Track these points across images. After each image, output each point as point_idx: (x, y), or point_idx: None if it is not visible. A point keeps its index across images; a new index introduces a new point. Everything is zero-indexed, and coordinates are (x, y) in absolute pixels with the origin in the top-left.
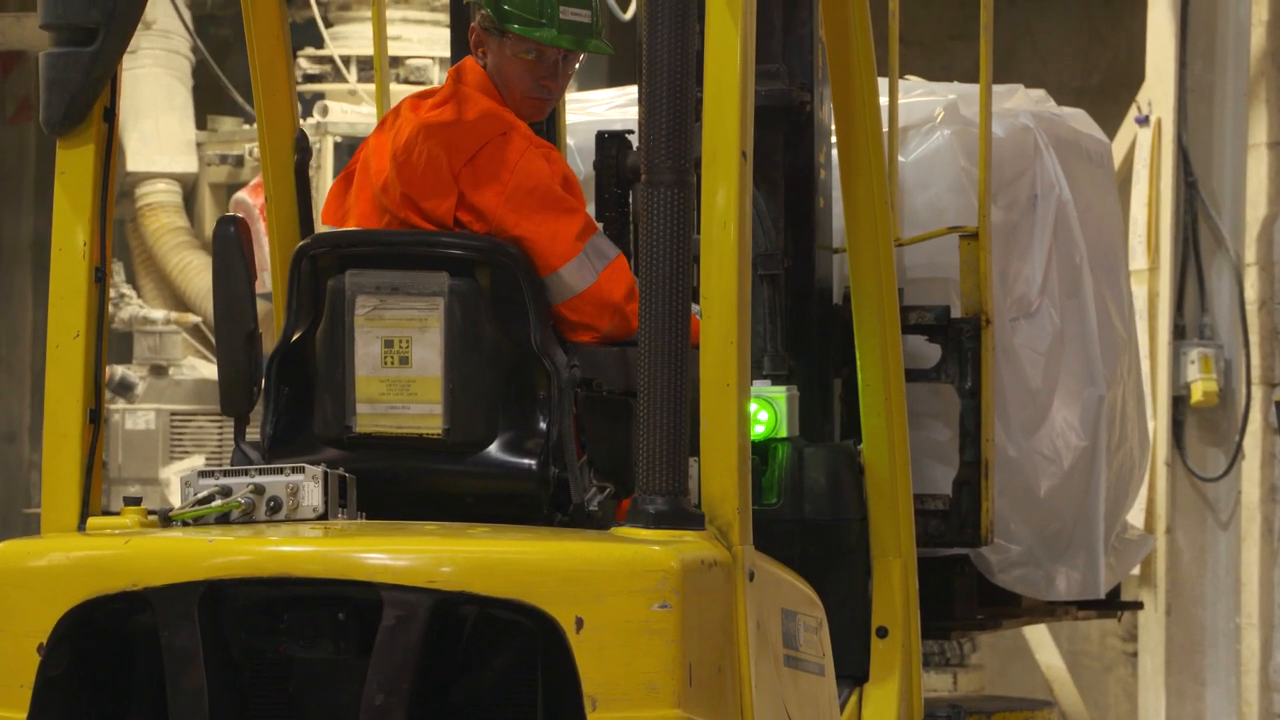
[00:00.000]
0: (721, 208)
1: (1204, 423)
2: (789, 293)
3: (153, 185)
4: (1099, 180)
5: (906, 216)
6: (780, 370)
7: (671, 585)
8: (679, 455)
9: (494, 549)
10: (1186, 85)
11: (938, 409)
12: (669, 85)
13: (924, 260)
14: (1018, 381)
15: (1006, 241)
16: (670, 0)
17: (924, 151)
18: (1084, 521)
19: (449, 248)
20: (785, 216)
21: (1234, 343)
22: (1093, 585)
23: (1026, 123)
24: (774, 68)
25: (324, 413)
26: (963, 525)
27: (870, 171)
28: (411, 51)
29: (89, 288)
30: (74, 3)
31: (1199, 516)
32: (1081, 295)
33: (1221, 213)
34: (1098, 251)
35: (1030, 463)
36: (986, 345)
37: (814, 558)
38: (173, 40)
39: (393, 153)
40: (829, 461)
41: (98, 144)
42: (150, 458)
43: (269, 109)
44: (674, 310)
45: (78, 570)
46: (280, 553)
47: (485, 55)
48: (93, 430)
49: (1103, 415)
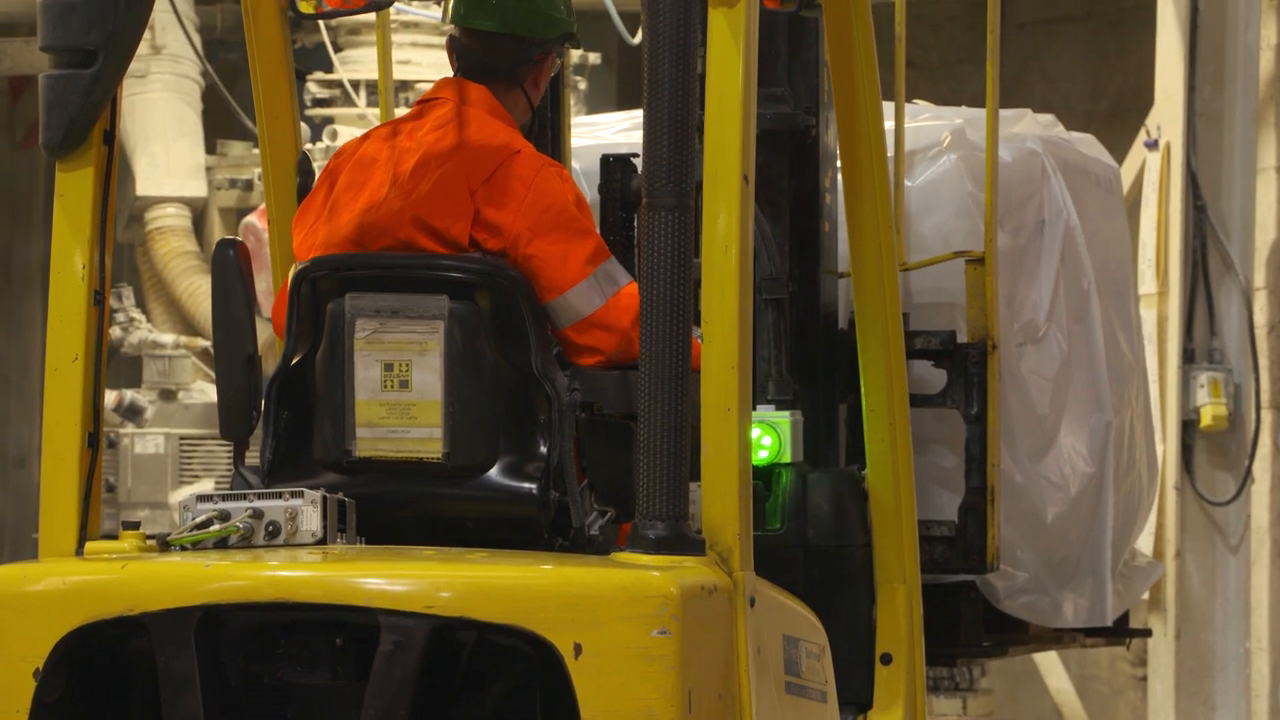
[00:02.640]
0: (723, 231)
1: (1213, 447)
2: (794, 317)
3: (162, 209)
4: (1107, 205)
5: (913, 241)
6: (785, 395)
7: (671, 611)
8: (679, 480)
9: (492, 574)
10: (1195, 109)
11: (944, 435)
12: (670, 109)
13: (930, 285)
14: (1025, 407)
15: (1014, 267)
16: (672, 25)
17: (930, 176)
18: (1091, 548)
19: (449, 270)
20: (790, 241)
21: (1243, 367)
22: (1100, 613)
23: (1034, 147)
24: (779, 91)
25: (324, 437)
26: (969, 551)
27: (875, 195)
28: (420, 76)
29: (88, 311)
30: (73, 25)
31: (1208, 540)
32: (1089, 321)
33: (1230, 237)
34: (1106, 277)
35: (1037, 489)
36: (993, 371)
37: (818, 583)
38: (182, 65)
39: (394, 178)
40: (833, 487)
41: (97, 166)
42: (160, 481)
43: (272, 132)
44: (674, 334)
45: (74, 595)
46: (277, 577)
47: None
48: (91, 454)
49: (1110, 441)
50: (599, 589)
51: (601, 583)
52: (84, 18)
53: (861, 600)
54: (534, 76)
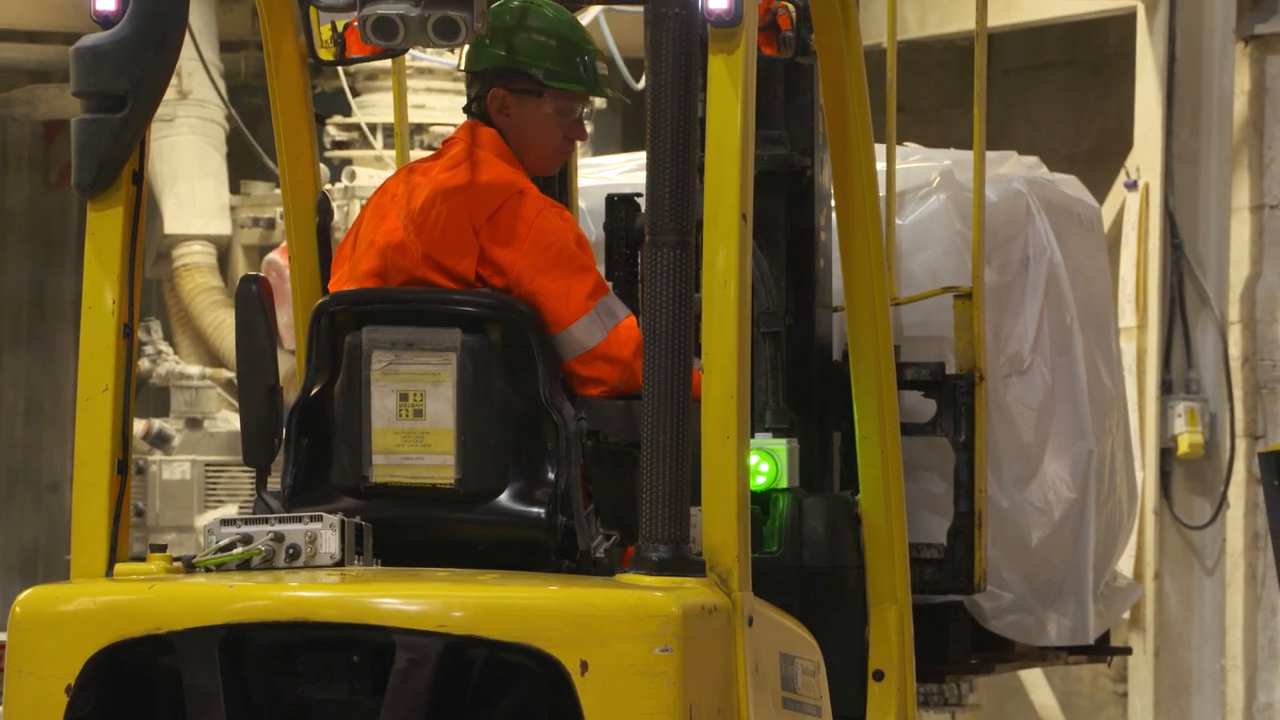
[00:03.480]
0: (722, 267)
1: (1190, 473)
2: (790, 349)
3: (189, 247)
4: (1089, 243)
5: (904, 277)
6: (782, 424)
7: (673, 630)
8: (681, 505)
9: (502, 595)
10: (1173, 152)
11: (933, 462)
12: (671, 151)
13: (920, 319)
14: (1010, 436)
15: (1000, 301)
16: (673, 72)
17: (920, 215)
18: (1074, 570)
19: (461, 305)
20: (787, 276)
21: (1219, 397)
22: (1082, 631)
23: (1019, 188)
24: (777, 134)
25: (342, 463)
26: (957, 573)
27: (867, 233)
28: (435, 119)
29: (117, 344)
30: (104, 71)
31: (1186, 563)
32: (1072, 353)
33: (1207, 273)
34: (1087, 311)
35: (1022, 514)
36: (980, 401)
37: (813, 603)
38: (208, 109)
39: (408, 215)
40: (827, 511)
41: (126, 206)
42: (186, 506)
43: (293, 173)
44: (676, 365)
45: (104, 615)
46: (297, 598)
47: (509, 117)
48: (120, 480)
49: (1092, 468)
50: (604, 609)
51: (607, 603)
52: (114, 65)
53: (855, 619)
54: (494, 114)
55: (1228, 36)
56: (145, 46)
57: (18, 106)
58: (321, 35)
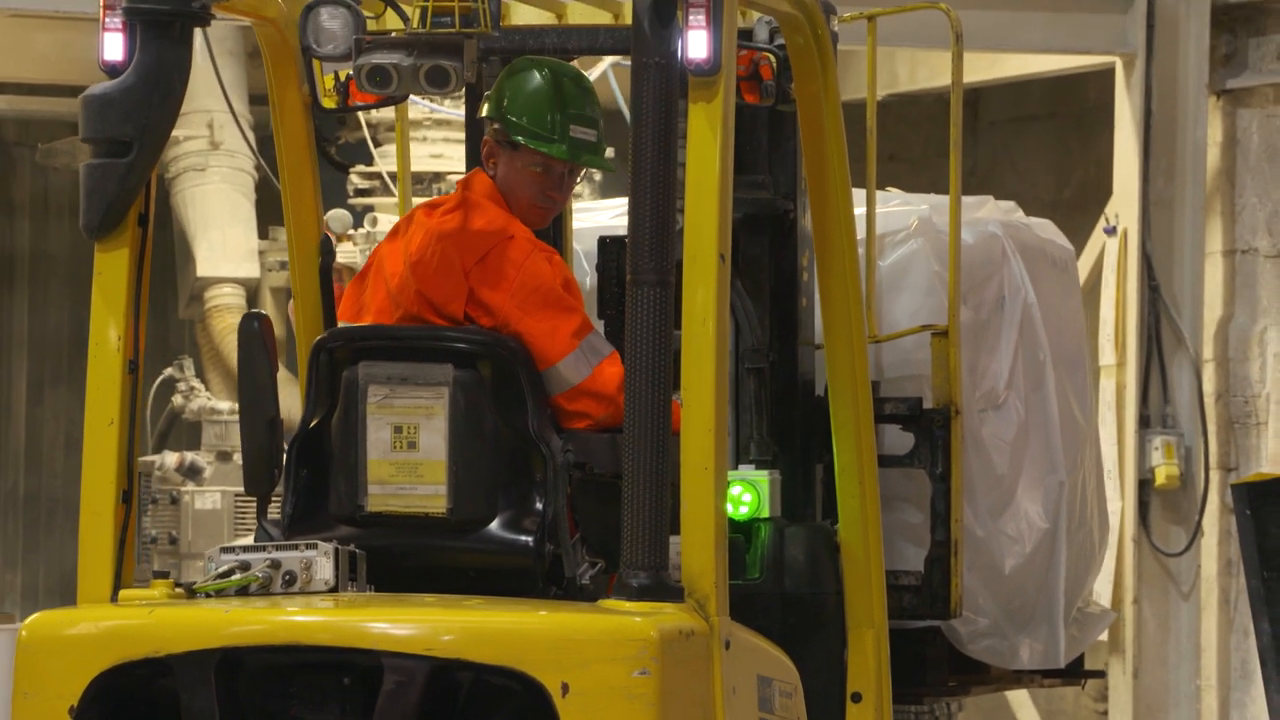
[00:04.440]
0: (701, 305)
1: (1167, 503)
2: (774, 385)
3: (219, 289)
4: (1063, 283)
5: (884, 316)
6: (765, 456)
7: (651, 653)
8: (660, 533)
9: (486, 620)
10: (1150, 199)
11: (911, 493)
12: (651, 195)
13: (900, 358)
14: (985, 468)
15: (976, 339)
16: (653, 118)
17: (899, 257)
18: (1046, 596)
19: (454, 342)
20: (770, 315)
21: (1194, 431)
22: (1054, 655)
23: (995, 231)
24: (760, 179)
25: (338, 493)
26: (934, 599)
27: (845, 274)
28: (450, 168)
29: (122, 379)
30: (110, 118)
31: (1163, 588)
32: (1045, 389)
33: (1182, 314)
34: (1060, 349)
35: (996, 542)
36: (956, 434)
37: (793, 628)
38: (238, 159)
39: (407, 255)
40: (808, 540)
41: (132, 247)
42: (216, 535)
43: (296, 216)
44: (656, 398)
45: (106, 638)
46: (290, 622)
47: (495, 166)
48: (125, 509)
49: (1063, 499)
50: (585, 633)
51: (587, 627)
52: (120, 112)
53: (834, 643)
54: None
55: (1201, 91)
56: (149, 94)
57: (59, 157)
58: (325, 84)
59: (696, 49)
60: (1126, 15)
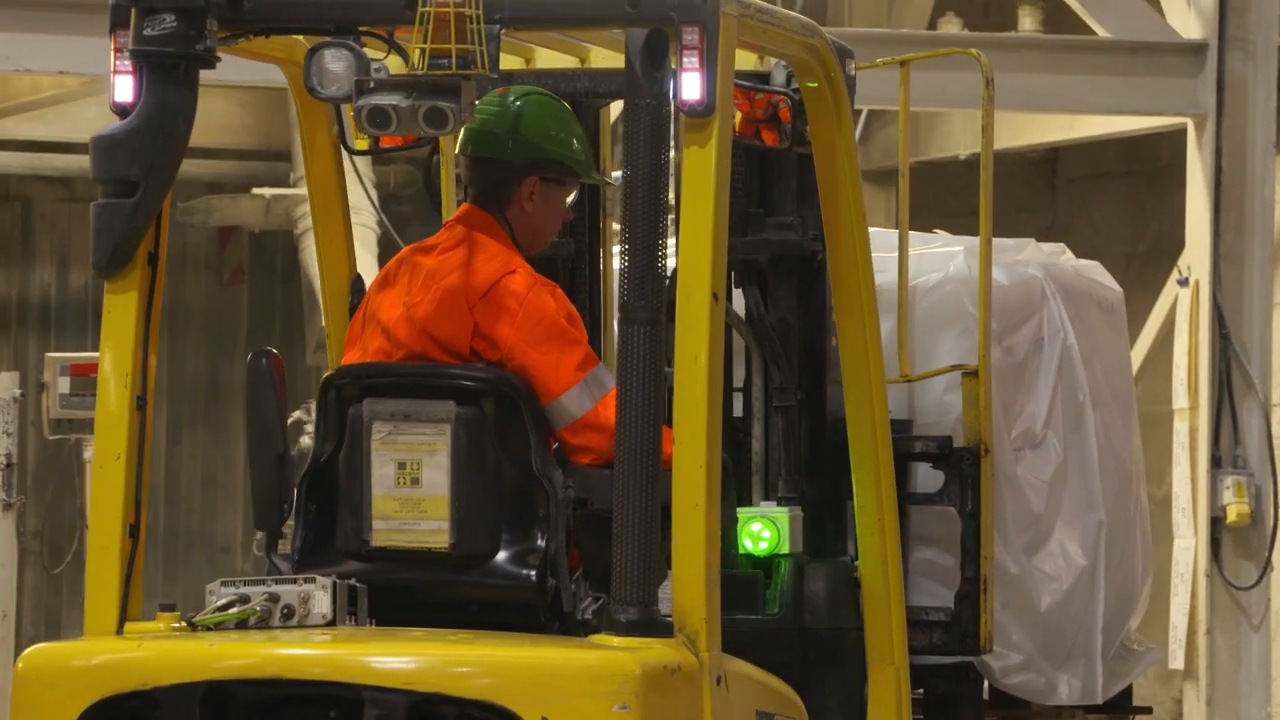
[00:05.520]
0: (694, 343)
1: (1238, 540)
2: (802, 423)
3: None
4: (1110, 324)
5: (920, 356)
6: (793, 493)
7: (631, 688)
8: (650, 568)
9: (467, 654)
10: (1220, 252)
11: (942, 533)
12: (643, 234)
13: (934, 399)
14: (1021, 506)
15: (1014, 379)
16: (645, 159)
17: (936, 298)
18: (1084, 633)
19: (456, 379)
20: (799, 354)
21: (1263, 471)
22: (1092, 691)
23: (1035, 273)
24: (789, 220)
25: (345, 528)
26: (964, 635)
27: (861, 312)
28: None
29: (130, 415)
30: (118, 159)
31: (1234, 620)
32: (1084, 429)
33: (1251, 360)
34: (1104, 389)
35: (1032, 580)
36: (985, 473)
37: (813, 663)
38: (361, 215)
39: (407, 297)
40: (827, 575)
41: (141, 285)
42: None
43: (328, 255)
44: (646, 434)
45: (96, 672)
46: (272, 656)
47: (534, 202)
48: (132, 543)
49: (1102, 538)
50: (566, 667)
51: (568, 662)
52: (126, 153)
53: (854, 679)
54: (518, 199)
55: (1268, 150)
56: (154, 135)
57: (195, 214)
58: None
59: (690, 90)
60: (1197, 79)
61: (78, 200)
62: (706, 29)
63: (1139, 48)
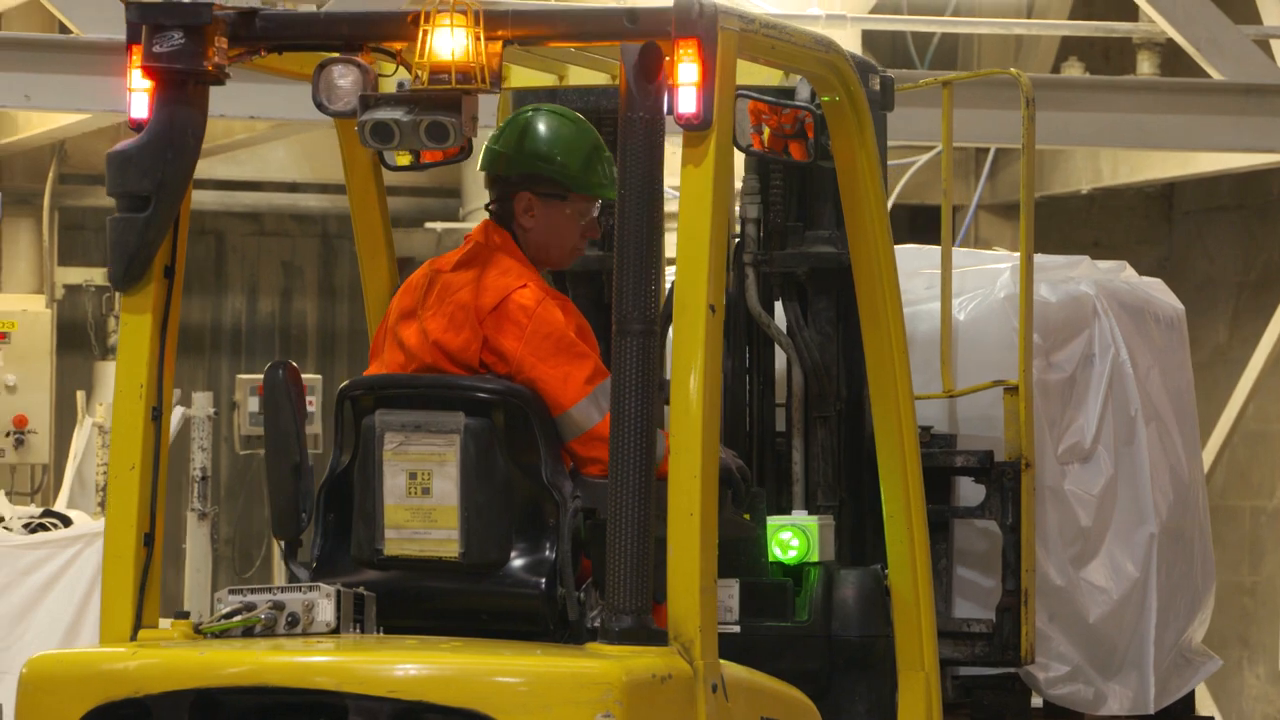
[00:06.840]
0: (690, 354)
1: None
2: (841, 432)
3: None
4: (1170, 340)
5: (962, 371)
6: (832, 502)
7: (615, 696)
8: (643, 577)
9: (453, 662)
10: None
11: (984, 548)
12: (636, 246)
13: (978, 413)
14: (1068, 520)
15: (1062, 394)
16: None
17: (980, 312)
18: (1136, 644)
19: (466, 390)
20: (838, 365)
21: None
22: (1143, 702)
23: (1086, 289)
24: (827, 234)
25: (359, 537)
26: (1005, 647)
27: (887, 325)
28: None
29: (145, 426)
30: (130, 175)
31: None
32: (1136, 443)
33: None
34: (1160, 404)
35: (1079, 591)
36: (1026, 486)
37: (842, 670)
38: None
39: (424, 307)
40: (857, 583)
41: (156, 298)
42: None
43: (371, 269)
44: (640, 444)
45: (92, 679)
46: (260, 664)
47: (534, 218)
48: (147, 552)
49: (1154, 550)
50: (549, 676)
51: (553, 670)
52: (138, 168)
53: (883, 686)
54: (518, 215)
55: None
56: (165, 150)
57: None
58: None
59: (686, 104)
60: None
61: (266, 234)
62: (704, 43)
63: (1251, 89)
